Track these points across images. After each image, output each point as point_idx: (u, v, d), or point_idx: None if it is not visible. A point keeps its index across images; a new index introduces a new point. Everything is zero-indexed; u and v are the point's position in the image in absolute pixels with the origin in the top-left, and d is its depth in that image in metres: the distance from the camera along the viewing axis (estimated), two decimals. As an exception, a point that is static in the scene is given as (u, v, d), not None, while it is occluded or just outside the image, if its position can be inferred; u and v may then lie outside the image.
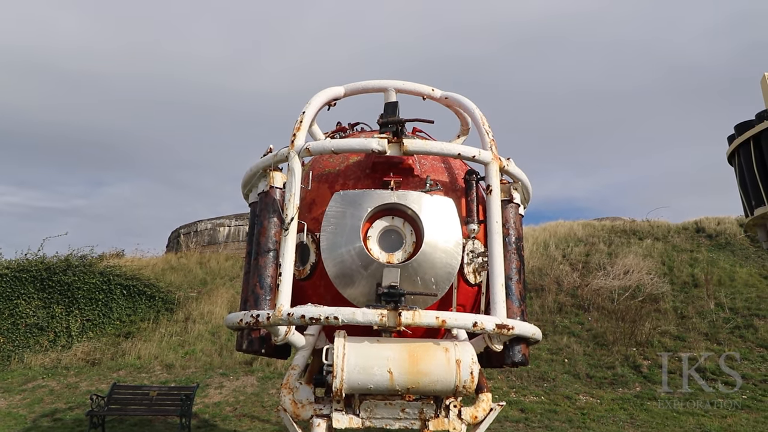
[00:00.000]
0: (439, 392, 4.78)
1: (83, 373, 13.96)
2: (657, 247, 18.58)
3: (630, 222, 21.61)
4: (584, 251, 18.90)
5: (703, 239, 19.12)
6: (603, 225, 21.35)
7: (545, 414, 11.13)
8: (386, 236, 5.22)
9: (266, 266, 5.25)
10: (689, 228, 19.96)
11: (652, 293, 15.74)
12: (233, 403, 12.01)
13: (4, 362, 14.84)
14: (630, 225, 20.94)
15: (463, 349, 4.78)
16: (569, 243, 19.68)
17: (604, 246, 19.07)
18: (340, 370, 4.53)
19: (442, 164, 5.91)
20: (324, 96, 6.02)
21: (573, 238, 20.08)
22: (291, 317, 4.72)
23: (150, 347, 14.98)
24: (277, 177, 5.50)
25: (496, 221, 5.30)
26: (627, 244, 18.96)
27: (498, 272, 5.15)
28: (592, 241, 19.58)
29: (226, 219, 24.98)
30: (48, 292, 16.22)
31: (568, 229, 21.09)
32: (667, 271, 17.04)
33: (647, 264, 17.07)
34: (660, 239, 19.21)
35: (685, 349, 13.37)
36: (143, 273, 18.67)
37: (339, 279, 5.08)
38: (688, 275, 16.63)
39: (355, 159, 5.75)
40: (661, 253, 18.09)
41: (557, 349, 13.94)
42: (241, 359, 14.06)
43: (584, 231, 20.63)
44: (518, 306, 5.42)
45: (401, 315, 4.60)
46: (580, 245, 19.42)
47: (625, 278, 16.40)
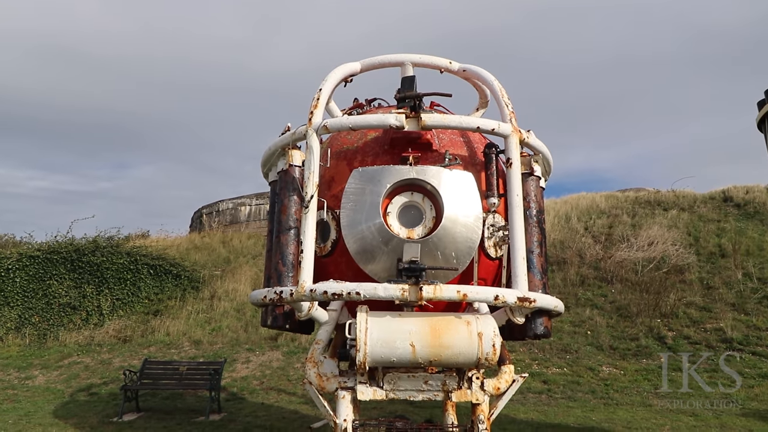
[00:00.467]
0: (461, 365, 4.84)
1: (115, 350, 14.48)
2: (683, 217, 18.22)
3: (654, 193, 21.18)
4: (607, 223, 18.64)
5: (731, 208, 18.67)
6: (626, 196, 20.98)
7: (568, 385, 11.18)
8: (406, 212, 5.23)
9: (288, 244, 5.32)
10: (716, 197, 19.49)
11: (678, 264, 15.51)
12: (260, 377, 12.35)
13: (41, 340, 15.46)
14: (654, 196, 20.53)
15: (484, 322, 4.82)
16: (591, 215, 19.42)
17: (627, 218, 18.77)
18: (363, 344, 4.62)
19: (461, 138, 5.86)
20: (340, 72, 5.98)
21: (595, 210, 19.80)
22: (314, 293, 4.80)
23: (178, 324, 15.42)
24: (296, 155, 5.53)
25: (516, 194, 5.26)
26: (651, 216, 18.63)
27: (519, 245, 5.14)
28: (616, 212, 19.29)
29: (247, 198, 25.24)
30: (78, 273, 16.74)
31: (591, 201, 20.78)
32: (693, 241, 16.73)
33: (672, 235, 16.78)
34: (686, 209, 18.82)
35: (711, 320, 13.22)
36: (168, 253, 19.09)
37: (360, 255, 5.13)
38: (715, 245, 16.31)
39: (373, 135, 5.73)
40: (687, 224, 17.75)
41: (580, 322, 13.91)
42: (266, 335, 14.39)
43: (607, 203, 20.32)
44: (540, 279, 5.42)
45: (422, 289, 4.64)
46: (603, 217, 19.15)
47: (650, 250, 16.17)
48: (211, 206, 25.97)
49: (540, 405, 10.22)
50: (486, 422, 4.92)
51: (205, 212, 25.98)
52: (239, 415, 9.72)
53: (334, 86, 5.90)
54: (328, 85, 5.71)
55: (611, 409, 9.78)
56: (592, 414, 9.39)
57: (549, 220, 18.60)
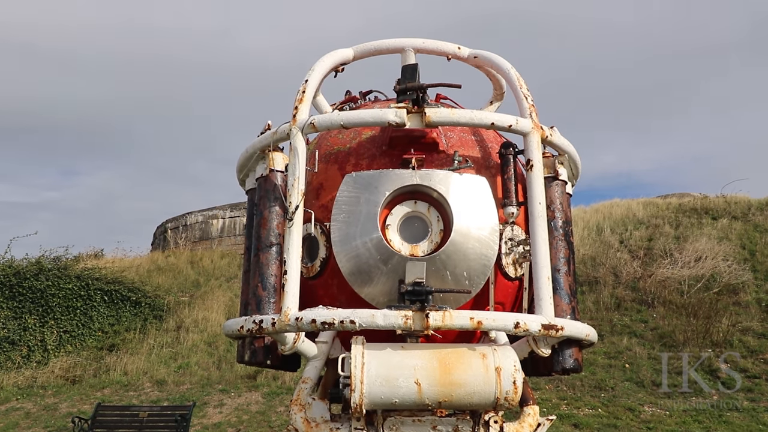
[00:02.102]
0: (476, 406, 4.81)
1: (62, 393, 14.39)
2: (735, 227, 18.30)
3: (701, 198, 21.29)
4: (646, 235, 18.70)
5: (792, 216, 18.77)
6: (668, 203, 21.09)
7: (603, 429, 11.15)
8: (408, 224, 5.24)
9: (269, 264, 5.31)
10: (774, 203, 19.60)
11: (730, 283, 15.54)
12: (236, 423, 12.27)
13: (-27, 382, 15.36)
14: (701, 202, 20.63)
15: (503, 355, 4.80)
16: (627, 226, 19.50)
17: (670, 228, 18.84)
18: (359, 383, 4.59)
19: (473, 137, 5.89)
20: (330, 60, 6.01)
21: (632, 220, 19.88)
22: (300, 322, 4.78)
23: (138, 361, 15.35)
24: (278, 158, 5.54)
25: (538, 202, 5.27)
26: (698, 226, 18.71)
27: (543, 263, 5.14)
28: (656, 222, 19.37)
29: (220, 210, 25.30)
30: (18, 301, 16.67)
31: (626, 209, 20.88)
32: (749, 256, 16.79)
33: (723, 248, 16.84)
34: (738, 218, 18.90)
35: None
36: (126, 276, 19.07)
37: (354, 276, 5.12)
38: (775, 260, 16.37)
39: (368, 134, 5.76)
40: (741, 235, 17.82)
41: (616, 353, 13.90)
42: (243, 373, 14.32)
43: (645, 211, 20.41)
44: (568, 302, 5.41)
45: (429, 316, 4.62)
46: (641, 228, 19.23)
47: (697, 266, 16.21)
48: (177, 220, 26.01)
49: (570, 453, 10.18)
50: (507, 475, 4.89)
51: (170, 227, 26.01)
52: (211, 470, 9.65)
53: (322, 77, 5.92)
54: (315, 76, 5.74)
55: (655, 458, 9.75)
56: (632, 463, 9.36)
57: (577, 232, 18.66)
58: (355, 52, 6.32)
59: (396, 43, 6.35)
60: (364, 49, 6.35)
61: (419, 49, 6.35)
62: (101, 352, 16.20)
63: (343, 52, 6.22)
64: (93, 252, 23.70)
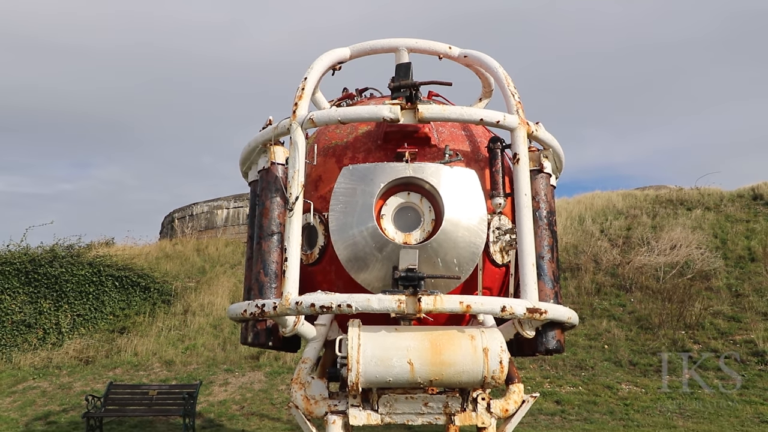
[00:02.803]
0: (465, 384, 4.85)
1: (76, 373, 14.37)
2: (708, 217, 18.37)
3: (677, 190, 21.34)
4: (625, 225, 18.76)
5: (761, 207, 18.84)
6: (646, 195, 21.13)
7: (583, 405, 11.23)
8: (402, 214, 5.25)
9: (270, 251, 5.32)
10: (745, 195, 19.66)
11: (703, 270, 15.62)
12: (240, 401, 12.30)
13: (-8, 363, 15.33)
14: (677, 194, 20.68)
15: (490, 337, 4.83)
16: (608, 216, 19.54)
17: (647, 218, 18.90)
18: (356, 363, 4.61)
19: (463, 132, 5.89)
20: (328, 59, 5.99)
21: (612, 211, 19.92)
22: (300, 306, 4.80)
23: (147, 343, 15.34)
24: (279, 152, 5.53)
25: (524, 194, 5.29)
26: (674, 216, 18.77)
27: (528, 251, 5.17)
28: (634, 213, 19.41)
29: (224, 201, 25.19)
30: (34, 286, 16.60)
31: (606, 200, 20.91)
32: (720, 244, 16.87)
33: (697, 237, 16.91)
34: (711, 209, 18.97)
35: (741, 331, 13.33)
36: (136, 262, 18.99)
37: (351, 263, 5.13)
38: (744, 248, 16.46)
39: (364, 129, 5.75)
40: (713, 225, 17.89)
41: (596, 335, 13.97)
42: (246, 354, 14.34)
43: (625, 202, 20.45)
44: (551, 287, 5.44)
45: (421, 301, 4.65)
46: (620, 218, 19.27)
47: (672, 254, 16.29)
48: (184, 210, 25.89)
49: (553, 428, 10.25)
50: (493, 448, 4.93)
51: (177, 217, 25.90)
52: (217, 444, 9.68)
53: (320, 74, 5.91)
54: (314, 74, 5.72)
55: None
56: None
57: (560, 222, 18.69)
58: (352, 52, 6.31)
59: (390, 43, 6.33)
60: (360, 49, 6.33)
61: (412, 48, 6.34)
62: (113, 335, 16.17)
63: (340, 51, 6.20)
64: (104, 240, 23.55)
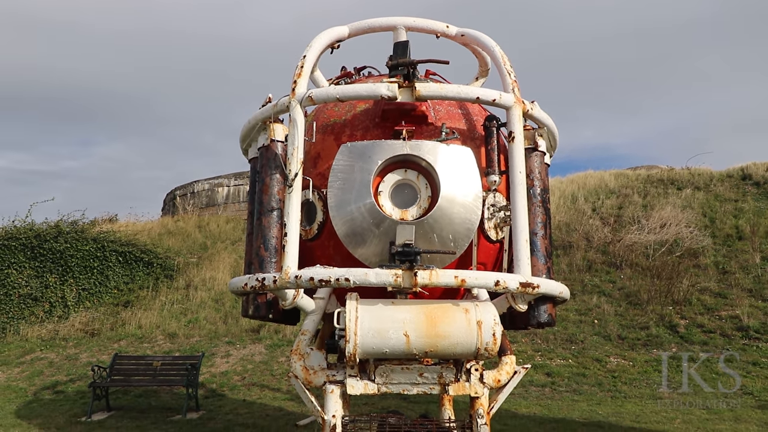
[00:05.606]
0: (459, 355, 4.90)
1: (83, 344, 14.48)
2: (697, 197, 18.40)
3: (668, 170, 21.34)
4: (616, 204, 18.79)
5: (750, 187, 18.87)
6: (638, 175, 21.13)
7: (573, 377, 11.38)
8: (399, 191, 5.24)
9: (270, 227, 5.32)
10: (734, 175, 19.68)
11: (692, 248, 15.71)
12: (241, 372, 12.43)
13: (0, 334, 15.41)
14: (668, 174, 20.69)
15: (484, 310, 4.87)
16: (600, 195, 19.56)
17: (638, 197, 18.93)
18: (353, 335, 4.65)
19: (459, 110, 5.85)
20: (326, 37, 5.92)
21: (604, 190, 19.94)
22: (299, 280, 4.81)
23: (151, 316, 15.42)
24: (278, 129, 5.49)
25: (519, 171, 5.28)
26: (664, 195, 18.80)
27: (522, 227, 5.18)
28: (626, 192, 19.44)
29: (225, 179, 25.11)
30: (40, 261, 16.62)
31: (599, 180, 20.92)
32: (709, 223, 16.93)
33: (686, 216, 16.96)
34: (701, 188, 19.00)
35: (726, 306, 13.45)
36: (139, 238, 19.01)
37: (349, 238, 5.14)
38: (732, 227, 16.52)
39: (362, 107, 5.70)
40: (702, 204, 17.93)
41: (586, 310, 14.10)
42: (247, 327, 14.44)
43: (617, 182, 20.46)
44: (544, 263, 5.47)
45: (417, 275, 4.67)
46: (612, 197, 19.30)
47: (662, 232, 16.36)
48: (186, 187, 25.81)
49: (543, 399, 10.40)
50: (485, 417, 5.00)
51: (178, 194, 25.83)
52: (219, 413, 9.80)
53: (319, 53, 5.84)
54: (312, 52, 5.65)
55: (619, 403, 9.98)
56: (598, 408, 9.58)
57: (554, 200, 18.71)
58: (350, 30, 6.23)
59: (388, 22, 6.25)
60: (358, 27, 6.25)
61: (410, 27, 6.26)
62: (117, 308, 16.25)
63: (339, 30, 6.13)
64: (107, 217, 23.54)
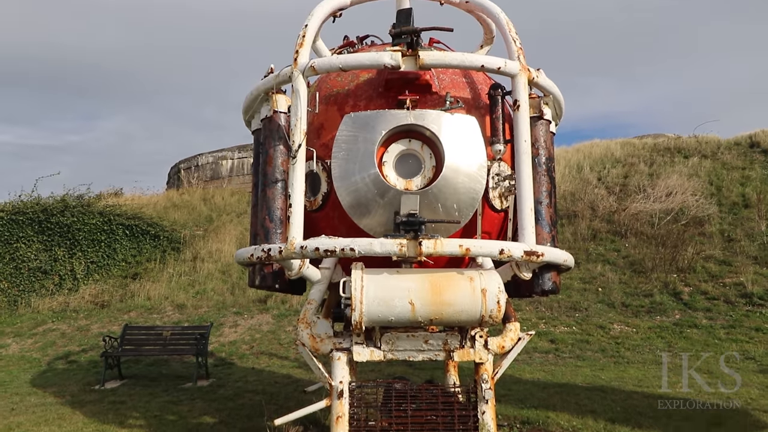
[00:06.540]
0: (463, 323, 4.96)
1: (93, 316, 14.71)
2: (704, 165, 18.27)
3: (675, 139, 21.13)
4: (622, 173, 18.69)
5: (758, 155, 18.69)
6: (644, 143, 20.94)
7: (576, 344, 11.51)
8: (403, 161, 5.24)
9: (275, 198, 5.34)
10: (742, 143, 19.48)
11: (697, 216, 15.67)
12: (249, 341, 12.63)
13: (12, 307, 15.67)
14: (675, 142, 20.49)
15: (489, 278, 4.91)
16: (606, 164, 19.44)
17: (644, 166, 18.81)
18: (359, 303, 4.71)
19: (464, 79, 5.79)
20: (328, 6, 5.83)
21: (610, 159, 19.80)
22: (304, 250, 4.86)
23: (159, 288, 15.62)
24: (281, 100, 5.46)
25: (524, 140, 5.26)
26: (671, 164, 18.67)
27: (527, 196, 5.18)
28: (632, 161, 19.31)
29: (228, 152, 25.07)
30: (47, 235, 16.78)
31: (605, 149, 20.75)
32: (715, 191, 16.85)
33: (692, 184, 16.87)
34: (708, 157, 18.84)
35: (731, 274, 13.49)
36: (145, 212, 19.10)
37: (354, 209, 5.16)
38: (738, 195, 16.44)
39: (365, 77, 5.65)
40: (709, 172, 17.81)
41: (590, 278, 14.17)
42: (254, 297, 14.61)
43: (623, 150, 20.30)
44: (548, 232, 5.48)
45: (422, 244, 4.70)
46: (618, 166, 19.18)
47: (668, 201, 16.30)
48: (190, 161, 25.80)
49: (547, 365, 10.54)
50: (490, 382, 5.09)
51: (183, 167, 25.84)
52: (228, 381, 10.00)
53: (321, 22, 5.76)
54: (314, 21, 5.58)
55: (622, 368, 10.11)
56: (601, 373, 9.71)
57: (559, 170, 18.61)
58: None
59: (391, -12, 6.13)
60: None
61: (413, -7, 6.14)
62: (126, 280, 16.45)
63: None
64: (113, 191, 23.61)
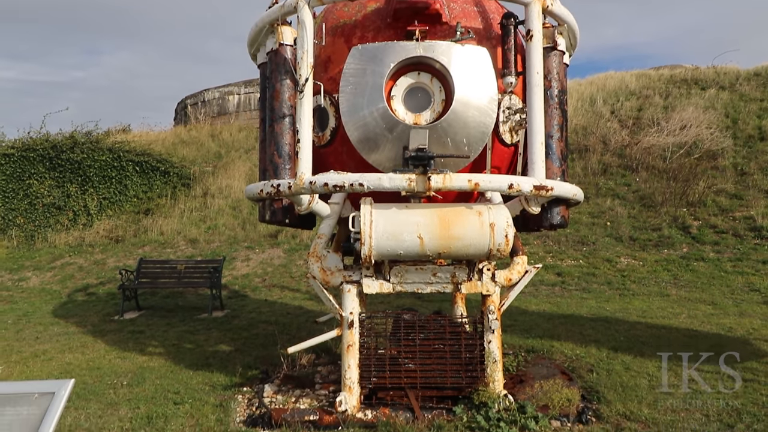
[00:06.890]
0: (471, 256, 5.04)
1: (109, 250, 15.07)
2: (722, 97, 17.78)
3: (692, 69, 20.44)
4: (636, 105, 18.27)
5: (778, 86, 18.13)
6: (660, 75, 20.31)
7: (583, 277, 11.69)
8: (412, 94, 5.15)
9: (283, 133, 5.31)
10: (762, 74, 18.83)
11: (711, 149, 15.43)
12: (261, 274, 12.94)
13: (29, 242, 16.06)
14: (692, 73, 19.85)
15: (497, 213, 4.94)
16: (619, 97, 18.97)
17: (659, 99, 18.34)
18: (368, 237, 4.78)
19: (475, 8, 5.59)
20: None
21: (624, 92, 19.30)
22: (313, 185, 4.88)
23: (171, 223, 15.87)
24: (287, 32, 5.33)
25: (536, 72, 5.13)
26: (687, 96, 18.18)
27: (537, 129, 5.12)
28: (647, 93, 18.81)
29: (235, 87, 24.67)
30: (59, 171, 16.93)
31: (620, 81, 20.18)
32: (731, 124, 16.48)
33: (708, 117, 16.49)
34: (726, 88, 18.30)
35: (741, 208, 13.44)
36: (153, 148, 19.12)
37: (362, 144, 5.14)
38: (755, 128, 16.09)
39: (373, 6, 5.47)
40: (726, 104, 17.36)
41: (599, 213, 14.19)
42: (265, 232, 14.84)
43: (638, 82, 19.74)
44: (558, 166, 5.45)
45: (431, 179, 4.70)
46: (632, 99, 18.73)
47: (681, 134, 16.00)
48: (196, 96, 25.47)
49: (553, 297, 10.76)
50: (496, 313, 5.23)
51: (189, 103, 25.55)
52: (242, 312, 10.34)
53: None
54: (319, -54, 5.32)
55: (627, 300, 10.30)
56: (606, 304, 9.91)
57: (571, 103, 18.22)
58: None
59: None
60: None
61: None
62: (138, 216, 16.70)
63: None
64: (121, 127, 23.54)
